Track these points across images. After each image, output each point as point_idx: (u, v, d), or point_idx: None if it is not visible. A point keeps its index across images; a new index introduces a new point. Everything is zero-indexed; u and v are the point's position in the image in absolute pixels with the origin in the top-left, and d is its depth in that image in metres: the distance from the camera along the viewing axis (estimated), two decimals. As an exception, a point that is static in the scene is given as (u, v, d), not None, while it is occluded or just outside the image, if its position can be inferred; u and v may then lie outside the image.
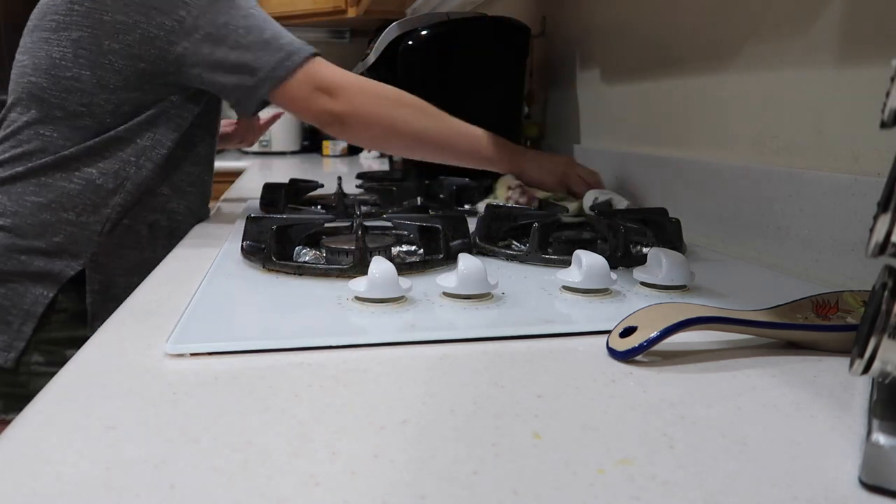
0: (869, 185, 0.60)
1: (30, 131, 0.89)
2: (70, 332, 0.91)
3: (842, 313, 0.46)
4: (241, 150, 3.04)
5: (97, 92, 0.87)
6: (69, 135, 0.88)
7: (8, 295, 0.88)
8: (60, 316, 0.90)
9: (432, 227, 0.71)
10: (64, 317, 0.90)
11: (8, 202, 0.88)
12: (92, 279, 0.91)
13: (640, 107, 1.03)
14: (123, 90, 0.88)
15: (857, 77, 0.63)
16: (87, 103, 0.87)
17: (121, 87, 0.88)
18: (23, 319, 0.88)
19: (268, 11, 1.01)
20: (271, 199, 1.05)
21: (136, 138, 0.91)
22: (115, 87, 0.87)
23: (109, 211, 0.91)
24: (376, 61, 1.27)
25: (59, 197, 0.89)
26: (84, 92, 0.87)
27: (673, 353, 0.45)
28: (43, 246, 0.88)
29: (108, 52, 0.86)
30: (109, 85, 0.87)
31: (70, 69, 0.87)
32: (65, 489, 0.28)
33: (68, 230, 0.89)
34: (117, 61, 0.87)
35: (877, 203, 0.28)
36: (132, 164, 0.91)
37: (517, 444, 0.32)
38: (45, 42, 0.88)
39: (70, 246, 0.89)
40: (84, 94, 0.87)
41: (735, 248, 0.79)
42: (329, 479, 0.29)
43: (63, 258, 0.89)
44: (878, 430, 0.29)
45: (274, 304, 0.54)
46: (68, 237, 0.89)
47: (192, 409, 0.36)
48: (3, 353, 0.88)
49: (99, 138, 0.89)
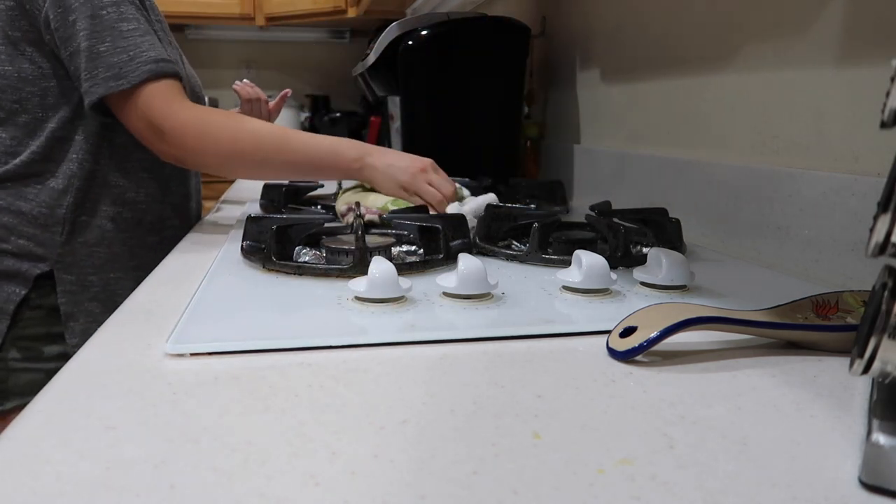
0: (869, 185, 0.60)
1: None
2: (47, 328, 0.91)
3: (842, 313, 0.46)
4: None
5: (22, 85, 0.87)
6: (14, 133, 0.88)
7: None
8: (35, 312, 0.90)
9: (432, 227, 0.71)
10: (39, 313, 0.91)
11: None
12: (62, 280, 0.91)
13: (640, 107, 1.03)
14: (41, 79, 0.87)
15: (857, 77, 0.63)
16: (18, 99, 0.87)
17: (38, 77, 0.87)
18: None
19: (268, 11, 1.00)
20: (271, 200, 1.05)
21: (71, 134, 0.89)
22: (34, 77, 0.87)
23: (64, 211, 0.90)
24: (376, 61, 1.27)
25: (17, 201, 0.88)
26: (12, 88, 0.86)
27: (673, 353, 0.45)
28: (10, 248, 0.89)
29: (16, 42, 0.85)
30: (28, 76, 0.86)
31: None
32: (65, 489, 0.28)
33: (30, 232, 0.89)
34: (26, 48, 0.86)
35: (877, 203, 0.28)
36: (74, 161, 0.90)
37: (517, 444, 0.32)
38: None
39: (35, 248, 0.89)
40: (13, 91, 0.87)
41: (735, 248, 0.79)
42: (329, 479, 0.29)
43: (30, 259, 0.89)
44: (878, 430, 0.29)
45: (274, 304, 0.54)
46: (32, 239, 0.89)
47: (192, 409, 0.36)
48: None
49: (38, 140, 0.88)
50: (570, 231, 0.81)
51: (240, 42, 3.24)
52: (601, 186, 1.14)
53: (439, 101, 1.24)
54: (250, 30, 3.10)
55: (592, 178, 1.18)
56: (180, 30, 3.05)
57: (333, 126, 2.86)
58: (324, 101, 3.11)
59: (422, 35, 1.19)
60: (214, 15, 2.78)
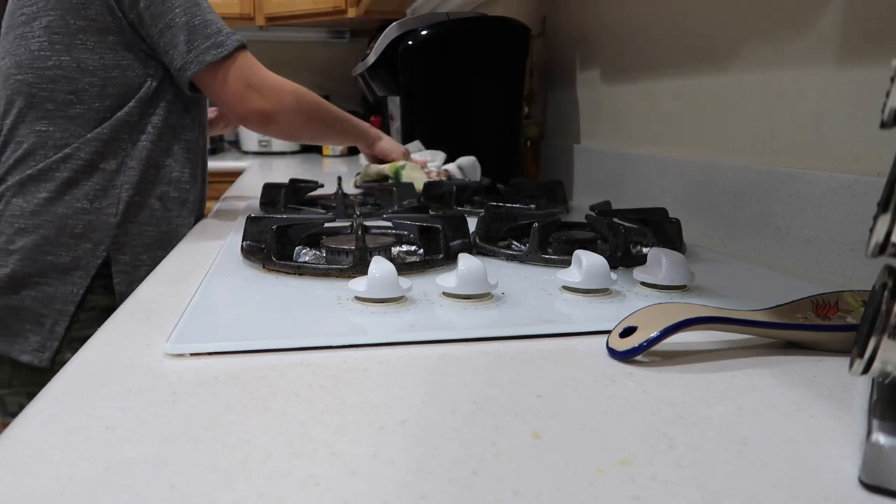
0: (869, 185, 0.60)
1: (26, 129, 0.89)
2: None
3: (842, 313, 0.46)
4: (222, 138, 3.04)
5: (80, 76, 0.88)
6: (65, 126, 0.89)
7: (38, 297, 0.90)
8: (90, 314, 0.92)
9: (432, 227, 0.71)
10: (93, 314, 0.92)
11: (25, 204, 0.90)
12: (117, 260, 0.93)
13: (640, 107, 1.03)
14: (102, 70, 0.89)
15: (857, 77, 0.63)
16: (74, 90, 0.88)
17: (100, 67, 0.88)
18: (55, 319, 0.90)
19: (268, 11, 1.03)
20: (271, 199, 1.05)
21: (126, 116, 0.92)
22: (95, 68, 0.88)
23: (118, 191, 0.92)
24: (376, 61, 1.27)
25: (70, 189, 0.90)
26: (68, 79, 0.88)
27: (673, 353, 0.45)
28: (66, 239, 0.90)
29: (77, 32, 0.87)
30: (89, 66, 0.88)
31: (50, 58, 0.87)
32: (65, 489, 0.28)
33: (86, 219, 0.91)
34: (88, 39, 0.87)
35: (877, 203, 0.28)
36: (127, 141, 0.92)
37: (517, 444, 0.32)
38: (22, 38, 0.88)
39: (91, 234, 0.91)
40: (69, 81, 0.88)
41: (735, 248, 0.79)
42: (329, 479, 0.29)
43: (87, 247, 0.91)
44: (878, 430, 0.29)
45: (274, 304, 0.54)
46: (87, 226, 0.91)
47: (192, 409, 0.36)
48: (38, 353, 0.90)
49: (94, 127, 0.90)
50: (570, 231, 0.81)
51: (240, 42, 3.23)
52: (601, 186, 1.14)
53: (439, 101, 1.24)
54: (250, 30, 3.10)
55: (592, 178, 1.18)
56: (180, 30, 3.04)
57: (333, 126, 2.85)
58: (324, 101, 3.11)
59: (422, 35, 1.19)
60: (214, 15, 2.78)
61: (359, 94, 2.92)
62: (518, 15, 1.45)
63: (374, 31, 1.42)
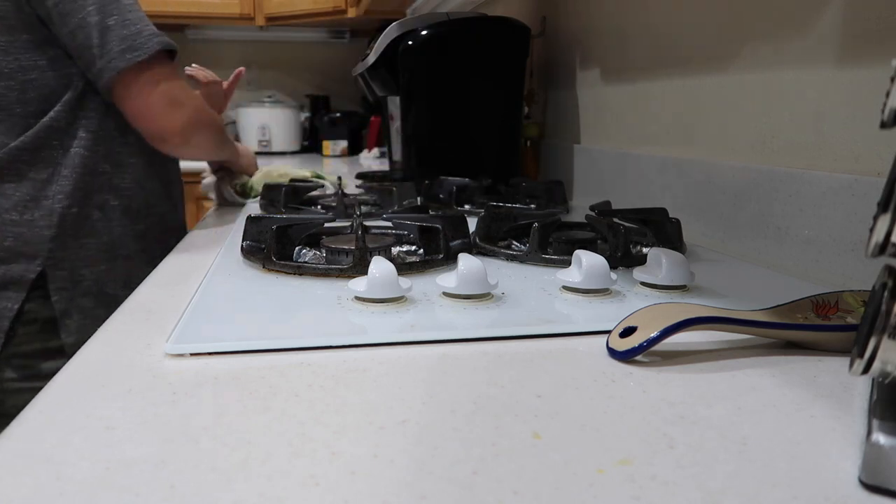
0: (869, 185, 0.60)
1: None
2: (42, 344, 0.86)
3: (842, 313, 0.46)
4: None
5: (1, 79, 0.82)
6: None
7: None
8: (30, 328, 0.86)
9: (432, 227, 0.71)
10: (34, 328, 0.86)
11: None
12: (54, 277, 0.86)
13: (640, 107, 1.03)
14: (19, 72, 0.81)
15: (857, 77, 0.63)
16: None
17: (16, 70, 0.81)
18: None
19: (268, 11, 1.01)
20: (271, 199, 1.05)
21: (52, 122, 0.84)
22: (11, 71, 0.81)
23: (50, 201, 0.85)
24: (376, 61, 1.27)
25: None
26: None
27: (673, 353, 0.45)
28: None
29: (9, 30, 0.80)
30: (4, 69, 0.81)
31: None
32: (65, 489, 0.28)
33: (15, 231, 0.84)
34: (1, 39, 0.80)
35: (877, 203, 0.28)
36: (57, 148, 0.85)
37: (517, 444, 0.32)
38: None
39: (23, 248, 0.84)
40: None
41: (735, 248, 0.79)
42: (329, 479, 0.29)
43: (19, 262, 0.84)
44: (878, 430, 0.29)
45: (274, 304, 0.54)
46: (18, 239, 0.84)
47: (192, 409, 0.36)
48: None
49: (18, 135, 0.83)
50: (570, 231, 0.81)
51: (240, 42, 3.23)
52: (601, 186, 1.14)
53: (439, 101, 1.23)
54: (250, 30, 3.10)
55: (592, 178, 1.18)
56: (180, 30, 3.05)
57: (333, 126, 2.85)
58: (324, 101, 3.11)
59: (422, 35, 1.19)
60: (214, 15, 2.78)
61: (359, 94, 2.92)
62: (518, 15, 1.45)
63: (374, 31, 1.42)
